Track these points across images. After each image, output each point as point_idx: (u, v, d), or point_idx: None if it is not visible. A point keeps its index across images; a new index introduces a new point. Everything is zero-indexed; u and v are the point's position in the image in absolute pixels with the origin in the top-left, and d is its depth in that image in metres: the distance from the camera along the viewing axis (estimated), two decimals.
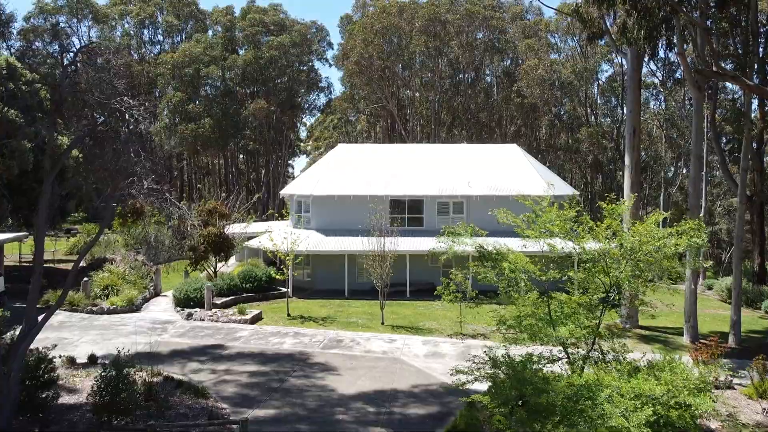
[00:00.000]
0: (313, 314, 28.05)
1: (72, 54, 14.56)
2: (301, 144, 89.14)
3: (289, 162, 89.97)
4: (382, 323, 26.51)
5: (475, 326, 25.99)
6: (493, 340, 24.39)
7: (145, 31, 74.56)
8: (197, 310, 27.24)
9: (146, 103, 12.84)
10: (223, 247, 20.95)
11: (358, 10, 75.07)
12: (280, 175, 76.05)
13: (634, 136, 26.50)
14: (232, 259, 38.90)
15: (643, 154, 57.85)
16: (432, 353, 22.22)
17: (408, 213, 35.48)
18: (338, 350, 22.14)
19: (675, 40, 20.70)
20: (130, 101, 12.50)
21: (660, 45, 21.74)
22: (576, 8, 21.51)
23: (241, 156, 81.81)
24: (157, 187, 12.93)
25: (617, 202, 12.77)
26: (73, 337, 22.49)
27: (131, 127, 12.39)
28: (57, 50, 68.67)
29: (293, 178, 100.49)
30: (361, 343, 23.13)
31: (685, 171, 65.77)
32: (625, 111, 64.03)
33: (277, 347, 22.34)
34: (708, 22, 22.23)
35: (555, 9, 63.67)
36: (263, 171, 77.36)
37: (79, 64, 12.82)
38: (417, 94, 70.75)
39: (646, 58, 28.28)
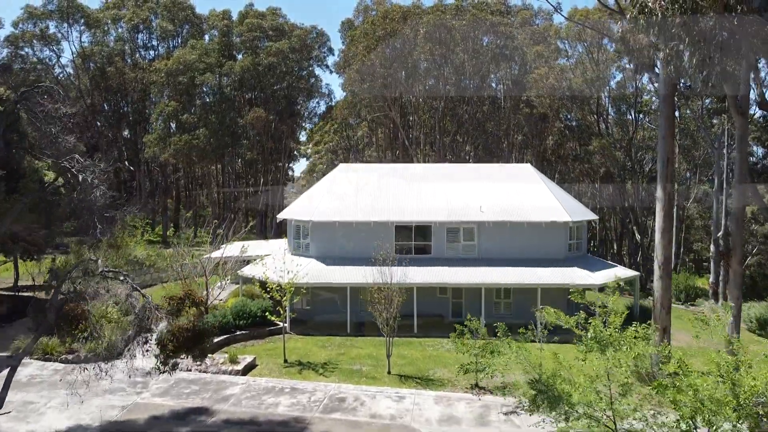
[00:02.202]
0: (312, 358, 25.52)
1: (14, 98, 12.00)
2: (302, 148, 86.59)
3: (290, 165, 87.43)
4: (389, 372, 23.98)
5: (492, 373, 23.51)
6: (514, 397, 21.92)
7: (139, 36, 71.87)
8: (183, 356, 24.61)
9: (101, 164, 10.37)
10: (198, 342, 17.87)
11: (359, 14, 72.37)
12: (279, 183, 73.43)
13: (668, 165, 23.80)
14: (228, 283, 36.37)
15: (653, 166, 55.32)
16: (446, 417, 19.65)
17: (415, 240, 32.84)
18: (340, 414, 19.57)
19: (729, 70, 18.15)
20: (82, 160, 10.01)
21: (713, 74, 19.15)
22: (622, 35, 18.99)
23: (240, 160, 79.16)
24: (115, 270, 10.46)
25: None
26: (39, 401, 19.89)
27: (84, 194, 9.96)
28: (47, 55, 66.24)
29: (293, 180, 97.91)
30: (366, 403, 20.57)
31: (690, 176, 63.25)
32: (638, 118, 62.02)
33: (271, 410, 19.77)
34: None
35: (566, 17, 61.03)
36: (262, 180, 74.67)
37: (21, 113, 10.36)
38: (420, 101, 68.06)
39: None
